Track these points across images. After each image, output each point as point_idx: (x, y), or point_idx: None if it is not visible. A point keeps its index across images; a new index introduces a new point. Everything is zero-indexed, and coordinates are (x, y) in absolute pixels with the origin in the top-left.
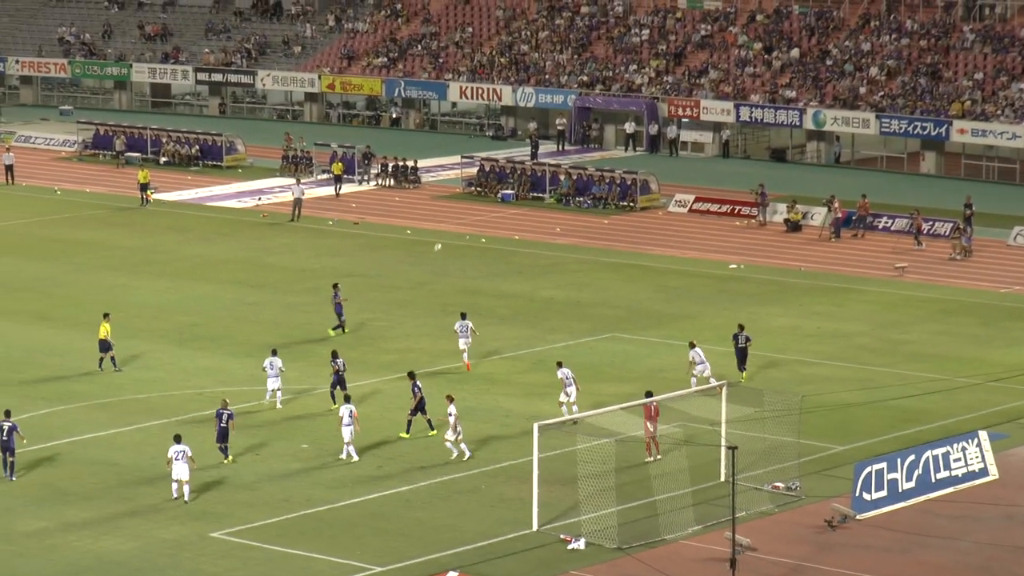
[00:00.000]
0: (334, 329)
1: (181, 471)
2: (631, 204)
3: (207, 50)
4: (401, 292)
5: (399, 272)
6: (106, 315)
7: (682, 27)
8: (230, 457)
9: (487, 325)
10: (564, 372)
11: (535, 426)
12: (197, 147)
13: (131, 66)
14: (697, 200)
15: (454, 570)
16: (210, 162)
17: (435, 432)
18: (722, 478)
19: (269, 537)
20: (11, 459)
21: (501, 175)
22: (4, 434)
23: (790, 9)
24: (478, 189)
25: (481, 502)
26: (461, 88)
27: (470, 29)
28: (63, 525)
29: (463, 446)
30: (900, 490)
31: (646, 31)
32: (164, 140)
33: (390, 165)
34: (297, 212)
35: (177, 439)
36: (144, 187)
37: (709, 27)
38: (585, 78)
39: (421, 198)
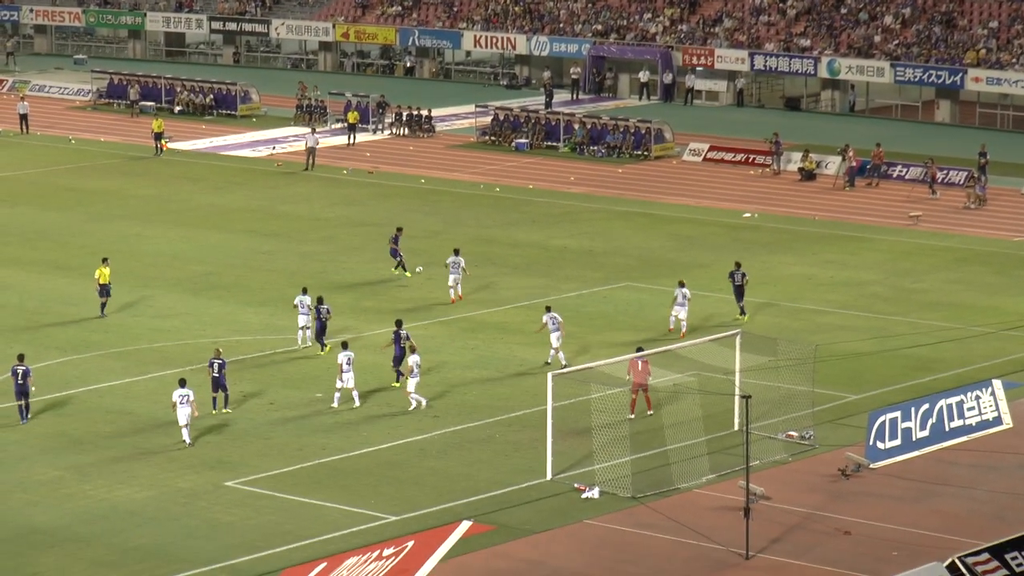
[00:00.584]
0: (397, 268)
1: (184, 415)
2: (645, 153)
3: None
4: (415, 241)
5: (413, 221)
6: (105, 260)
7: None
8: (228, 408)
9: (501, 274)
10: (550, 316)
11: (549, 375)
12: (211, 96)
13: (145, 15)
14: (711, 149)
15: (468, 519)
16: (224, 111)
17: (399, 385)
18: (736, 427)
19: (283, 486)
20: (27, 402)
21: (515, 124)
22: (19, 378)
23: None
24: (492, 138)
25: (495, 451)
26: (475, 37)
27: None
28: (78, 474)
29: (414, 396)
30: (914, 439)
31: None
32: (178, 89)
33: (404, 114)
34: (311, 161)
35: (182, 383)
36: (158, 136)
37: None
38: (599, 27)
39: (435, 147)
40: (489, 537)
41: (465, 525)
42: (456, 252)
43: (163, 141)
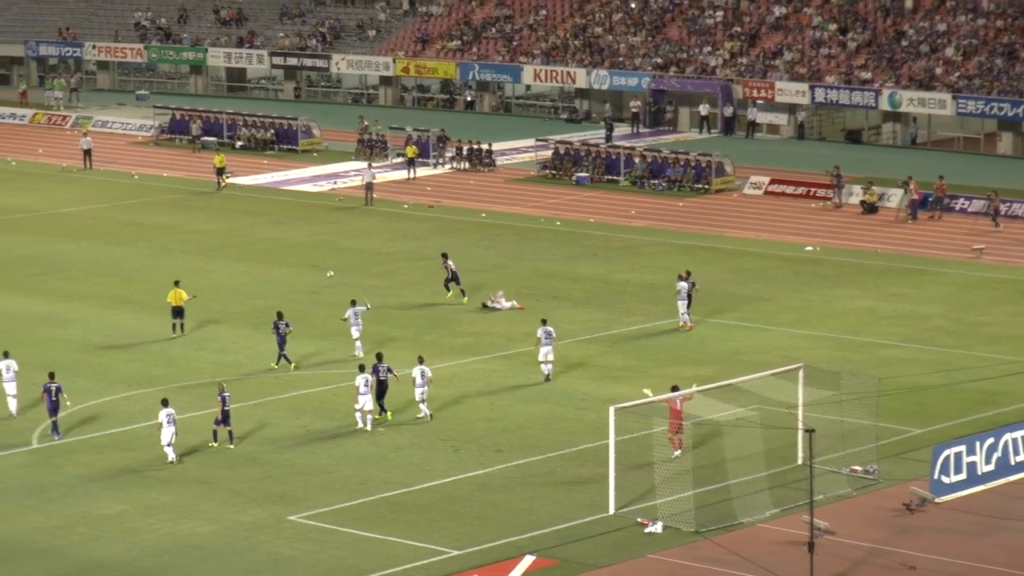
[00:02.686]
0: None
1: (168, 434)
2: (706, 186)
3: (282, 34)
4: (476, 275)
5: (474, 255)
6: (176, 282)
7: (756, 8)
8: (230, 443)
9: (562, 308)
10: (544, 330)
11: (611, 409)
12: (272, 131)
13: (207, 51)
14: (772, 182)
15: (531, 553)
16: (286, 146)
17: (390, 416)
18: (799, 461)
19: (346, 520)
20: (54, 419)
21: (576, 158)
22: (52, 395)
23: None
24: (552, 172)
25: (558, 485)
26: (535, 71)
27: (544, 12)
28: (142, 508)
29: (422, 406)
30: (979, 473)
31: (720, 13)
32: (240, 124)
33: (465, 148)
34: (370, 196)
35: (164, 403)
36: (220, 171)
37: (784, 8)
38: (659, 60)
39: (496, 181)
40: (552, 572)
41: (528, 560)
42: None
43: (224, 176)
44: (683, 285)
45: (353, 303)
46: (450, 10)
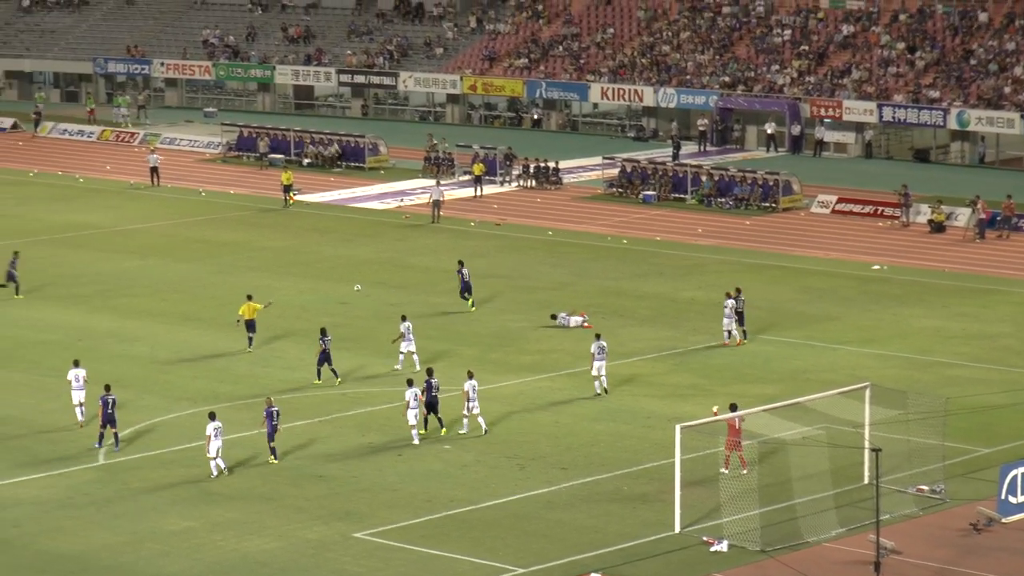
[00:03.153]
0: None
1: (215, 448)
2: (773, 205)
3: (349, 52)
4: (542, 293)
5: (541, 273)
6: (249, 296)
7: (824, 27)
8: (277, 459)
9: (628, 326)
10: (598, 345)
11: (677, 428)
12: (336, 146)
13: (274, 68)
14: (840, 201)
15: (596, 571)
16: (352, 163)
17: (445, 431)
18: (866, 480)
19: (412, 538)
20: (115, 430)
21: (643, 176)
22: (108, 407)
23: (933, 8)
24: (619, 190)
25: (623, 504)
26: (602, 89)
27: (611, 30)
28: (209, 525)
29: (480, 420)
30: None
31: (788, 31)
32: (307, 142)
33: (531, 166)
34: (437, 214)
35: (212, 416)
36: (287, 188)
37: (852, 27)
38: (727, 79)
39: (562, 199)
40: None
41: None
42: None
43: (291, 193)
44: (730, 303)
45: (403, 318)
46: (517, 28)
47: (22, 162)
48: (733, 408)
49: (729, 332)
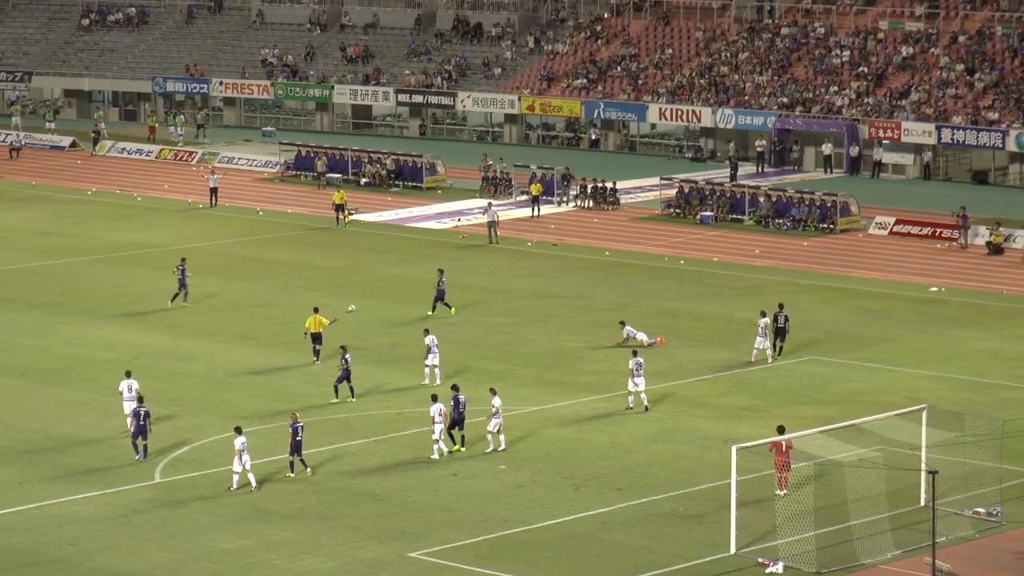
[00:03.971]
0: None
1: (243, 462)
2: (831, 226)
3: (408, 72)
4: (600, 314)
5: (598, 294)
6: (316, 309)
7: (883, 48)
8: (309, 469)
9: (685, 347)
10: (636, 361)
11: (733, 448)
12: (393, 165)
13: (333, 88)
14: (898, 223)
15: None
16: (410, 183)
17: (464, 449)
18: (922, 503)
19: (467, 558)
20: (144, 442)
21: (700, 197)
22: (141, 419)
23: (993, 30)
24: (677, 211)
25: (679, 525)
26: (660, 109)
27: (670, 50)
28: (263, 544)
29: (501, 437)
30: None
31: (847, 52)
32: (364, 161)
33: (589, 186)
34: (493, 234)
35: (238, 431)
36: (340, 207)
37: (910, 48)
38: (785, 99)
39: (620, 220)
40: None
41: None
42: (623, 324)
43: (345, 212)
44: (764, 321)
45: (426, 332)
46: (576, 48)
47: (81, 181)
48: (780, 431)
49: (758, 350)
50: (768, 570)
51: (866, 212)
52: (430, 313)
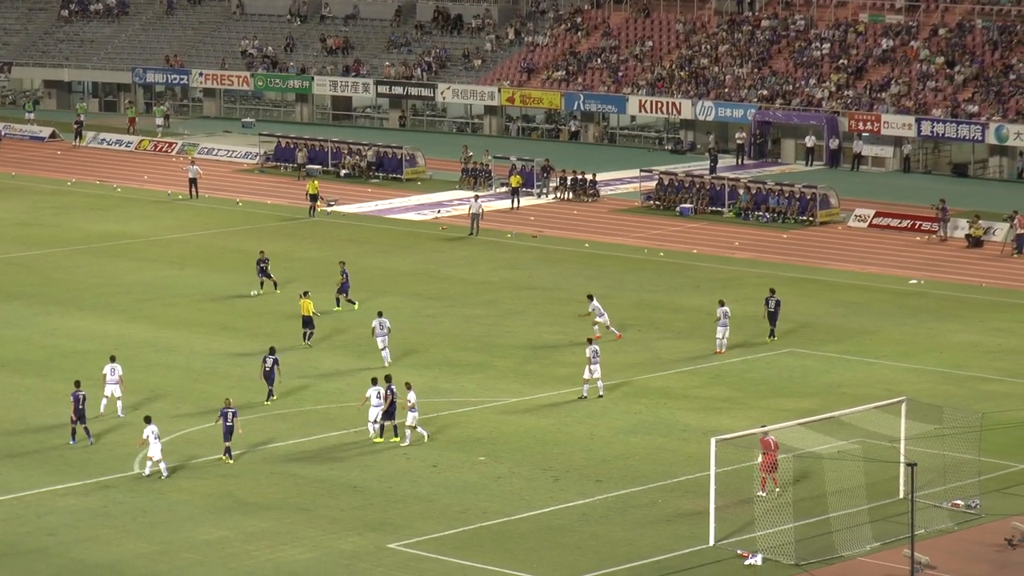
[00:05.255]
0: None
1: (155, 450)
2: (810, 219)
3: (388, 63)
4: (579, 305)
5: (577, 285)
6: (305, 293)
7: (863, 41)
8: (231, 459)
9: (664, 339)
10: (592, 349)
11: (712, 441)
12: (374, 156)
13: (313, 79)
14: (877, 215)
15: None
16: (390, 174)
17: (402, 441)
18: (901, 495)
19: (446, 549)
20: (85, 425)
21: (680, 189)
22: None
23: (973, 23)
24: (656, 203)
25: (658, 517)
26: (640, 102)
27: (650, 43)
28: (243, 535)
29: (420, 429)
30: None
31: (827, 45)
32: (344, 153)
33: (569, 178)
34: (476, 226)
35: (147, 419)
36: (314, 197)
37: (891, 41)
38: (765, 92)
39: (599, 211)
40: None
41: None
42: (591, 297)
43: (321, 203)
44: (722, 310)
45: (380, 314)
46: (556, 40)
47: (60, 171)
48: (763, 428)
49: (721, 339)
50: (747, 562)
51: (846, 204)
52: (336, 308)
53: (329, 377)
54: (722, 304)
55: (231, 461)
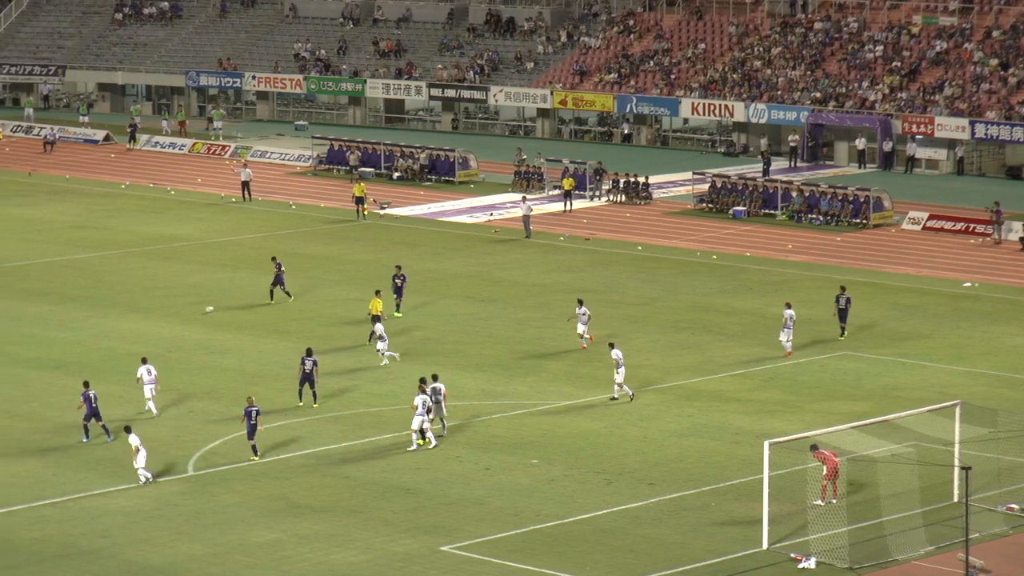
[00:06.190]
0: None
1: (140, 458)
2: (864, 221)
3: (440, 66)
4: (632, 308)
5: (630, 288)
6: (377, 292)
7: (917, 43)
8: (257, 457)
9: (717, 342)
10: (615, 353)
11: (766, 444)
12: (427, 159)
13: (365, 82)
14: (931, 218)
15: None
16: (443, 177)
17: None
18: (955, 498)
19: (499, 552)
20: (101, 423)
21: (733, 191)
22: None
23: None
24: (709, 205)
25: (711, 520)
26: (693, 104)
27: (702, 45)
28: (295, 537)
29: (429, 434)
30: None
31: (880, 47)
32: (397, 155)
33: (621, 181)
34: (528, 228)
35: (128, 429)
36: (360, 200)
37: (944, 43)
38: (818, 94)
39: (652, 214)
40: None
41: None
42: (581, 302)
43: (364, 205)
44: (789, 313)
45: (376, 319)
46: (608, 43)
47: (114, 174)
48: (813, 448)
49: (788, 342)
50: (800, 566)
51: (899, 207)
52: (269, 301)
53: (381, 380)
54: (788, 307)
55: (257, 458)
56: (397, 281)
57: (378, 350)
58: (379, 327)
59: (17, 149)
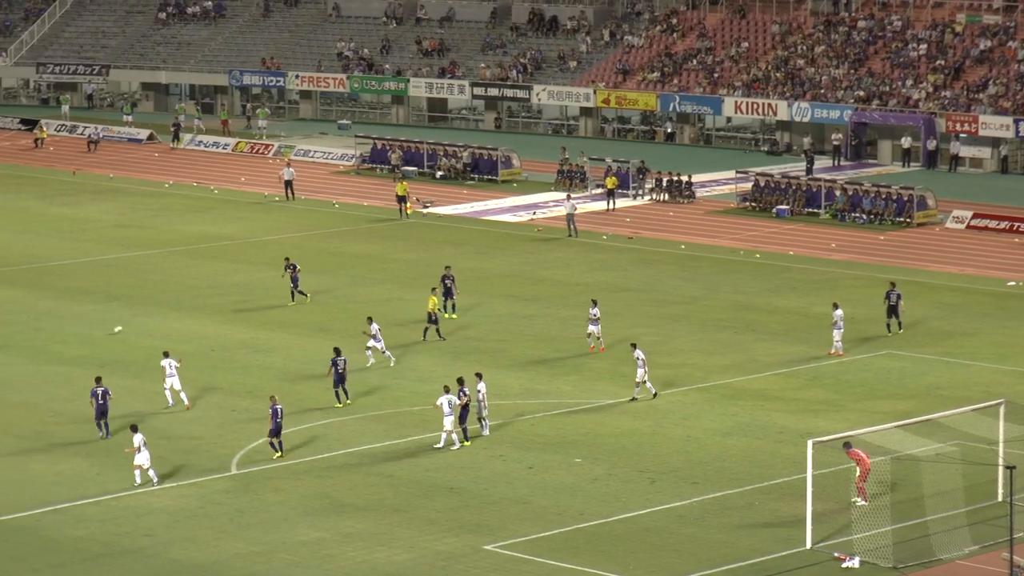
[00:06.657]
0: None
1: (143, 458)
2: (908, 220)
3: (483, 65)
4: (674, 307)
5: (672, 287)
6: (434, 289)
7: (960, 42)
8: (279, 454)
9: (760, 341)
10: (374, 327)
11: (809, 443)
12: (469, 158)
13: (408, 81)
14: (975, 216)
15: None
16: (486, 176)
17: (469, 443)
18: (999, 498)
19: (542, 551)
20: (104, 420)
21: (776, 190)
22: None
23: None
24: (752, 204)
25: (755, 519)
26: (736, 103)
27: (745, 44)
28: (339, 536)
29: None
30: None
31: (924, 46)
32: (440, 154)
33: (664, 180)
34: (572, 227)
35: (134, 428)
36: (402, 199)
37: (988, 41)
38: (861, 93)
39: (695, 213)
40: None
41: None
42: (595, 303)
43: (407, 204)
44: (838, 313)
45: (369, 319)
46: (651, 42)
47: (158, 173)
48: (847, 447)
49: (839, 343)
50: (844, 565)
51: (943, 206)
52: (291, 303)
53: (424, 380)
54: (836, 307)
55: (280, 454)
56: (447, 282)
57: (368, 348)
58: (374, 327)
59: (61, 149)
